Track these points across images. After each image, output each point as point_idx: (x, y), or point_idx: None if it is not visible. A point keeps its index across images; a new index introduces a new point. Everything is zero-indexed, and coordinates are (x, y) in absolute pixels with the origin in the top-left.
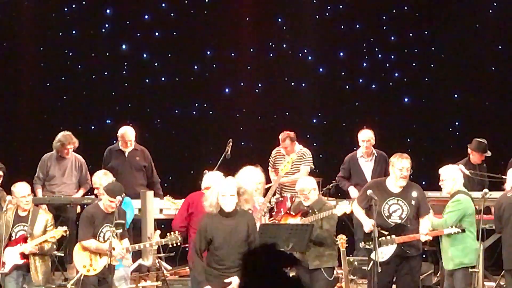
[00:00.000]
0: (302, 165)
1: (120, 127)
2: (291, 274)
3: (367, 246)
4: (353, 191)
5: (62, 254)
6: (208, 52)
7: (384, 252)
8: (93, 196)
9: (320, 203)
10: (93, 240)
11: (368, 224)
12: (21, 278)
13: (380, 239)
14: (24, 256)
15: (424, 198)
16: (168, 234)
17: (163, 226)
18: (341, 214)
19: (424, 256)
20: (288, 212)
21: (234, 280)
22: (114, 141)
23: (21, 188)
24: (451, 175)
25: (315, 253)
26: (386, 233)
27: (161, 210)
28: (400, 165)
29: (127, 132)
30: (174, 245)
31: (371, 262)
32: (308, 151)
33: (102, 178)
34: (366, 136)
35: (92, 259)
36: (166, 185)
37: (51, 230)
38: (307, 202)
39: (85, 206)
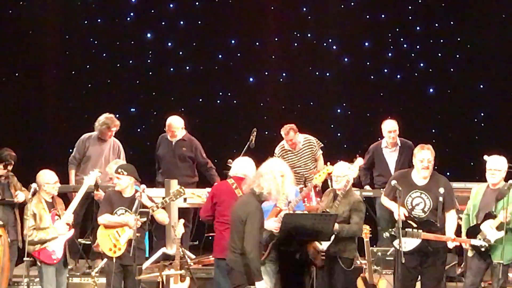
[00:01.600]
0: (316, 152)
1: (144, 115)
2: None
3: (392, 233)
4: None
5: (89, 242)
6: (233, 41)
7: (408, 243)
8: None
9: (349, 193)
10: (106, 214)
11: (395, 210)
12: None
13: (406, 229)
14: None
15: (451, 192)
16: (172, 191)
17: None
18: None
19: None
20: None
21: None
22: (138, 130)
23: (51, 175)
24: (505, 167)
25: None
26: (415, 225)
27: (185, 199)
28: (421, 156)
29: (172, 122)
30: (176, 198)
31: (393, 250)
32: (310, 136)
33: (113, 168)
34: (391, 126)
35: (115, 240)
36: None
37: None
38: (339, 185)
39: None
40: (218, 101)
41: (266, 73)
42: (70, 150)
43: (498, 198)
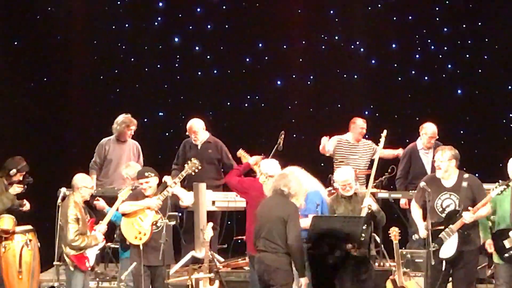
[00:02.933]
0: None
1: (172, 119)
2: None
3: (433, 248)
4: None
5: (117, 246)
6: (260, 45)
7: (449, 246)
8: None
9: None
10: (126, 202)
11: (423, 230)
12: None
13: (440, 235)
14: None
15: (479, 188)
16: (186, 163)
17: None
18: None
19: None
20: None
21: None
22: (166, 134)
23: (89, 179)
24: None
25: None
26: (442, 227)
27: (213, 202)
28: (436, 156)
29: (192, 124)
30: (194, 172)
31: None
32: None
33: (126, 169)
34: (431, 131)
35: (138, 226)
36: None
37: None
38: (349, 192)
39: None
40: (246, 105)
41: (294, 76)
42: None
43: None
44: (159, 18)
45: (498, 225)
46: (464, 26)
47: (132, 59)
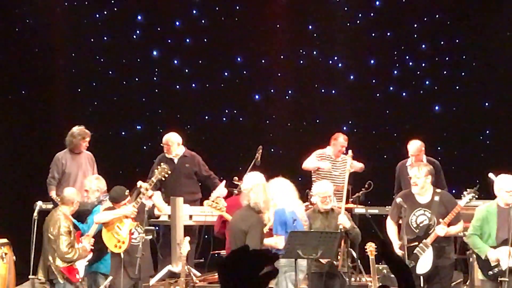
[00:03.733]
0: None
1: (150, 133)
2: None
3: (410, 265)
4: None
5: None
6: (239, 59)
7: (425, 262)
8: None
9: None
10: (104, 211)
11: (397, 249)
12: None
13: (415, 251)
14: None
15: (451, 202)
16: (156, 168)
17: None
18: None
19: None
20: None
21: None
22: (144, 147)
23: (79, 193)
24: None
25: None
26: (416, 243)
27: (190, 217)
28: (411, 174)
29: (168, 139)
30: (164, 177)
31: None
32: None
33: (93, 182)
34: (413, 151)
35: (117, 235)
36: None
37: None
38: (328, 205)
39: None
40: (224, 119)
41: (272, 91)
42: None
43: None
44: (138, 31)
45: (484, 242)
46: (441, 42)
47: (110, 72)
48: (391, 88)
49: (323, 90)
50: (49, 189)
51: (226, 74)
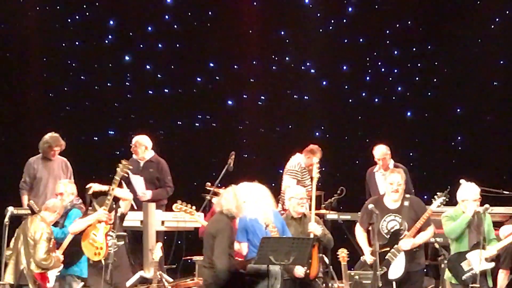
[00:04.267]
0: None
1: (123, 138)
2: None
3: (382, 271)
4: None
5: None
6: (211, 64)
7: (397, 267)
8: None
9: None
10: (77, 220)
11: (368, 256)
12: None
13: (387, 256)
14: None
15: (420, 206)
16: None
17: (165, 237)
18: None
19: (425, 270)
20: None
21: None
22: (117, 152)
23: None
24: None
25: None
26: (388, 248)
27: (162, 222)
28: (390, 180)
29: (136, 142)
30: (126, 173)
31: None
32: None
33: (68, 186)
34: (377, 155)
35: (94, 242)
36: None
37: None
38: (302, 209)
39: None
40: (197, 124)
41: (245, 96)
42: None
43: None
44: (110, 36)
45: (456, 249)
46: (414, 49)
47: (83, 77)
48: (364, 94)
49: (295, 96)
50: (21, 193)
51: (199, 79)
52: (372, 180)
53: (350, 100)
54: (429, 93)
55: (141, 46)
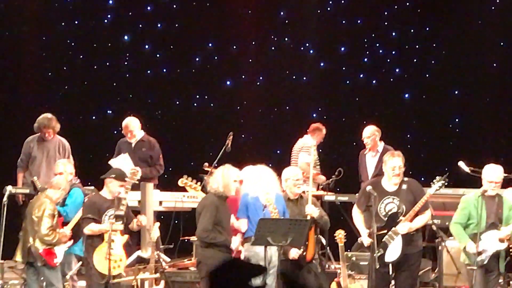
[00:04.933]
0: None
1: (121, 117)
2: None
3: (379, 253)
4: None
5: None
6: (210, 45)
7: (394, 250)
8: (92, 187)
9: (304, 198)
10: (93, 223)
11: (365, 238)
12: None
13: (384, 239)
14: None
15: (418, 189)
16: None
17: (162, 217)
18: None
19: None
20: None
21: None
22: (115, 132)
23: (68, 186)
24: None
25: None
26: (385, 231)
27: (160, 203)
28: (392, 164)
29: (128, 123)
30: (137, 180)
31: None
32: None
33: (67, 166)
34: (365, 133)
35: (110, 255)
36: (165, 176)
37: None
38: (299, 190)
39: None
40: (195, 104)
41: (243, 77)
42: None
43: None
44: (109, 16)
45: (471, 231)
46: (412, 30)
47: (81, 56)
48: (361, 76)
49: (294, 77)
50: (18, 171)
51: (197, 59)
52: (362, 163)
53: (348, 82)
54: (427, 75)
55: (140, 26)
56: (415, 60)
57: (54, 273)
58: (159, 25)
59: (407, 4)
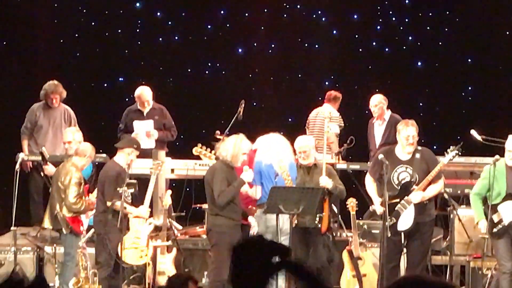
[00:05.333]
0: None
1: (133, 85)
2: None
3: (391, 222)
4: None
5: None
6: (222, 12)
7: (406, 218)
8: (104, 155)
9: (316, 163)
10: (127, 206)
11: (378, 206)
12: None
13: (397, 208)
14: None
15: (431, 158)
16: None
17: (174, 185)
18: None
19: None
20: None
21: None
22: (127, 99)
23: (94, 153)
24: None
25: None
26: (398, 200)
27: (172, 170)
28: (406, 133)
29: (143, 93)
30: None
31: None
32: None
33: (76, 134)
34: (372, 102)
35: (138, 245)
36: (177, 144)
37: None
38: (306, 161)
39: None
40: (207, 72)
41: (255, 44)
42: None
43: None
44: None
45: (492, 201)
46: None
47: (93, 23)
48: (374, 44)
49: (306, 45)
50: (21, 138)
51: (209, 27)
52: (370, 131)
53: (360, 50)
54: (440, 43)
55: None
56: (428, 28)
57: (77, 241)
58: None
59: None
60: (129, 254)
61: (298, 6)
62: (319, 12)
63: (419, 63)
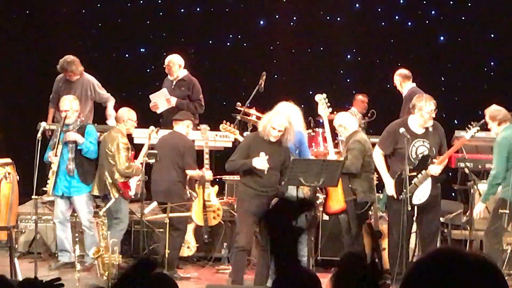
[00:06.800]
0: None
1: (154, 55)
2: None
3: (404, 195)
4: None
5: None
6: None
7: (423, 192)
8: None
9: (351, 137)
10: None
11: (390, 188)
12: None
13: (413, 181)
14: None
15: (443, 132)
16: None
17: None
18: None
19: (454, 194)
20: None
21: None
22: (148, 70)
23: (133, 113)
24: None
25: None
26: (415, 173)
27: (192, 141)
28: (429, 108)
29: (168, 60)
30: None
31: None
32: None
33: (73, 103)
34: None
35: (209, 207)
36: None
37: None
38: (342, 136)
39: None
40: (228, 43)
41: (277, 16)
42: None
43: None
44: None
45: None
46: None
47: None
48: (397, 17)
49: (328, 17)
50: (49, 106)
51: None
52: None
53: (383, 23)
54: (463, 17)
55: None
56: (451, 2)
57: (126, 206)
58: None
59: None
60: (197, 217)
61: None
62: None
63: (442, 38)
